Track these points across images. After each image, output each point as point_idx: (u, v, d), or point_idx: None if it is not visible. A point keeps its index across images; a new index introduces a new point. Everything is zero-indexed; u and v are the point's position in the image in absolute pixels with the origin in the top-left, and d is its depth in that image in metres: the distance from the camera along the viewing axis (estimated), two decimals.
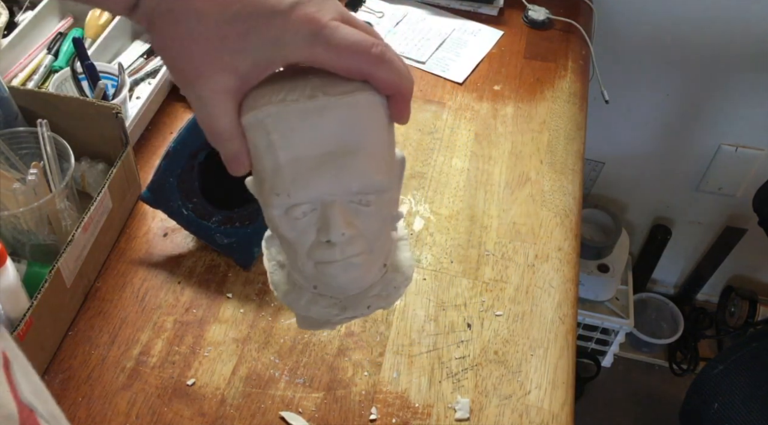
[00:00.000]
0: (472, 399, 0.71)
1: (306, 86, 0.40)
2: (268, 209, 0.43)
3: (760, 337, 1.23)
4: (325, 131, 0.40)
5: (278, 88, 0.41)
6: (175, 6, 0.37)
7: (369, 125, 0.42)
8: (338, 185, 0.41)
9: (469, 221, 0.87)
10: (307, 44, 0.37)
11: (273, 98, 0.40)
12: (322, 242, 0.43)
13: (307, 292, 0.49)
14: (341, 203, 0.42)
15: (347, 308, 0.48)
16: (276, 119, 0.40)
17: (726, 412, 1.12)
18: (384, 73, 0.39)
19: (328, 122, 0.40)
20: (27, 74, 0.94)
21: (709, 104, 1.46)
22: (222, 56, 0.38)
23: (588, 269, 1.60)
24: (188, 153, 0.77)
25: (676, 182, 1.64)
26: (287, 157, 0.40)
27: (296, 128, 0.40)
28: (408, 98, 0.41)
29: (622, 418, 1.78)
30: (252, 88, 0.41)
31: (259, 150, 0.41)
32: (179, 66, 0.39)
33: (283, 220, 0.43)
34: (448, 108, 1.01)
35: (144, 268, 0.80)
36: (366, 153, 0.41)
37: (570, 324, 0.78)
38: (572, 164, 0.95)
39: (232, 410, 0.69)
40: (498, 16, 1.17)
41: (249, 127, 0.41)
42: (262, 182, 0.42)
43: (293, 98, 0.40)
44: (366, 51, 0.38)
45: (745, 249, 1.74)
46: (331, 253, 0.43)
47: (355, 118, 0.41)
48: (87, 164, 0.83)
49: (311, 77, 0.41)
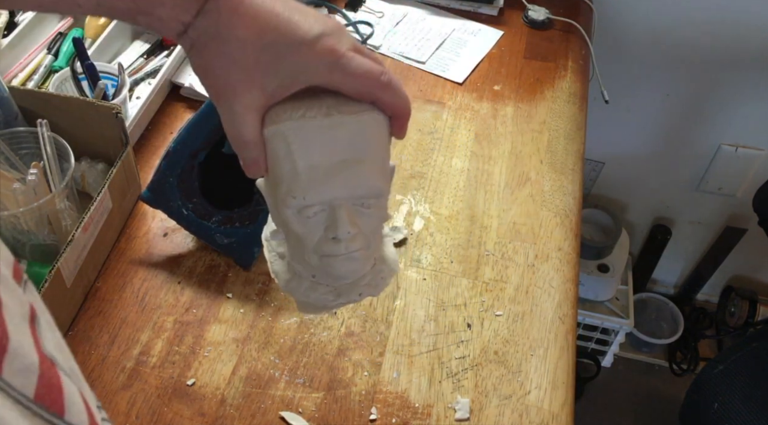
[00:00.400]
0: (472, 399, 0.71)
1: (322, 105, 0.47)
2: (283, 209, 0.49)
3: (760, 337, 1.23)
4: (337, 144, 0.47)
5: (298, 106, 0.47)
6: (220, 33, 0.43)
7: (374, 140, 0.49)
8: (347, 191, 0.48)
9: (469, 221, 0.87)
10: (327, 71, 0.45)
11: (293, 114, 0.47)
12: (329, 238, 0.50)
13: (306, 280, 0.55)
14: (348, 206, 0.49)
15: (341, 295, 0.56)
16: (296, 131, 0.47)
17: (726, 412, 1.12)
18: (389, 97, 0.47)
19: (341, 136, 0.47)
20: (27, 74, 0.94)
21: (709, 104, 1.46)
22: (255, 78, 0.44)
23: (588, 269, 1.60)
24: (188, 153, 0.77)
25: (676, 182, 1.64)
26: (304, 165, 0.47)
27: (313, 141, 0.47)
28: (407, 119, 0.48)
29: (622, 418, 1.78)
30: (275, 103, 0.47)
31: (279, 158, 0.47)
32: (217, 84, 0.45)
33: (295, 218, 0.49)
34: (448, 108, 1.01)
35: (144, 268, 0.80)
36: (371, 164, 0.48)
37: (570, 324, 0.78)
38: (572, 164, 0.95)
39: (232, 410, 0.69)
40: (498, 16, 1.17)
41: (271, 137, 0.47)
42: (278, 185, 0.48)
43: (312, 115, 0.47)
44: (376, 78, 0.45)
45: (745, 249, 1.74)
46: (337, 248, 0.50)
47: (363, 134, 0.48)
48: (87, 164, 0.83)
49: (325, 97, 0.47)
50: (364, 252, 0.51)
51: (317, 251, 0.51)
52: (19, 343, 0.24)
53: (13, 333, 0.23)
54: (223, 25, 0.43)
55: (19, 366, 0.24)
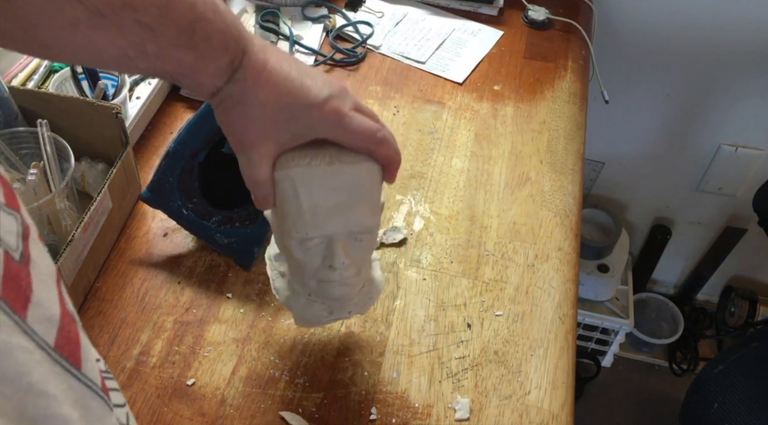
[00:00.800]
0: (472, 399, 0.71)
1: (325, 155, 0.55)
2: (287, 239, 0.57)
3: (760, 337, 1.23)
4: (337, 189, 0.55)
5: (305, 154, 0.55)
6: (245, 97, 0.51)
7: (368, 186, 0.57)
8: (343, 228, 0.56)
9: (469, 221, 0.87)
10: (332, 128, 0.53)
11: (301, 162, 0.54)
12: (326, 266, 0.58)
13: (303, 298, 0.64)
14: (343, 239, 0.57)
15: (333, 312, 0.65)
16: (302, 177, 0.54)
17: (726, 412, 1.12)
18: (383, 151, 0.55)
19: (340, 182, 0.55)
20: (27, 74, 0.94)
21: (709, 104, 1.46)
22: (270, 133, 0.52)
23: (588, 269, 1.60)
24: (188, 153, 0.77)
25: (676, 182, 1.64)
26: (308, 205, 0.55)
27: (316, 185, 0.55)
28: (397, 167, 0.57)
29: (622, 418, 1.78)
30: (284, 152, 0.55)
31: (287, 197, 0.55)
32: (239, 137, 0.53)
33: (297, 247, 0.57)
34: (448, 108, 1.01)
35: (144, 268, 0.80)
36: (364, 205, 0.57)
37: (570, 324, 0.78)
38: (572, 164, 0.95)
39: (232, 410, 0.69)
40: (498, 16, 1.17)
41: (280, 180, 0.55)
42: (284, 219, 0.56)
43: (316, 163, 0.55)
44: (372, 135, 0.54)
45: (745, 249, 1.74)
46: (332, 275, 0.58)
47: (359, 180, 0.56)
48: (87, 164, 0.83)
49: (329, 148, 0.55)
50: (355, 278, 0.60)
51: (315, 276, 0.60)
52: (44, 296, 0.26)
53: (37, 287, 0.26)
54: (248, 90, 0.51)
55: (41, 316, 0.25)
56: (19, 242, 0.26)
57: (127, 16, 0.44)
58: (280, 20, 1.11)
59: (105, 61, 0.47)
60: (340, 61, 1.07)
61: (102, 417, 0.29)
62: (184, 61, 0.48)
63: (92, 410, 0.28)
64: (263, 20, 1.09)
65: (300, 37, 1.09)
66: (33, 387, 0.24)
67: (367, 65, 1.08)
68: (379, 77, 1.06)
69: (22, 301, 0.25)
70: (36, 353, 0.25)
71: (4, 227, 0.25)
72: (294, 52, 1.07)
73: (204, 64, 0.49)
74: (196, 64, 0.49)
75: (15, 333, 0.24)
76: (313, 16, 1.13)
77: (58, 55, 0.48)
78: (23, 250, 0.26)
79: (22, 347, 0.24)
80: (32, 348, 0.25)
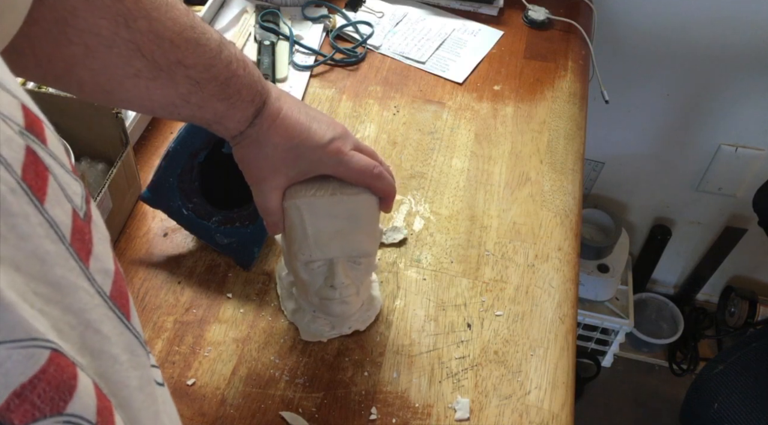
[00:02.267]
0: (472, 399, 0.71)
1: (329, 187, 0.62)
2: (294, 261, 0.65)
3: (760, 337, 1.24)
4: (338, 217, 0.63)
5: (310, 186, 0.62)
6: (260, 139, 0.59)
7: (367, 214, 0.64)
8: (344, 251, 0.64)
9: (469, 221, 0.87)
10: (334, 166, 0.61)
11: (307, 193, 0.62)
12: (328, 285, 0.66)
13: (308, 313, 0.72)
14: (343, 262, 0.65)
15: (335, 327, 0.73)
16: (308, 206, 0.62)
17: (726, 412, 1.12)
18: (379, 185, 0.63)
19: (342, 211, 0.62)
20: None
21: (709, 104, 1.46)
22: (281, 169, 0.61)
23: (588, 269, 1.60)
24: (188, 153, 0.77)
25: (676, 182, 1.64)
26: (313, 231, 0.62)
27: (320, 213, 0.62)
28: (392, 199, 0.65)
29: (622, 418, 1.78)
30: (293, 184, 0.63)
31: (294, 224, 0.63)
32: (254, 171, 0.61)
33: (302, 268, 0.65)
34: (448, 108, 1.01)
35: (144, 268, 0.80)
36: (363, 232, 0.64)
37: (570, 324, 0.78)
38: (572, 164, 0.95)
39: (232, 410, 0.69)
40: (498, 16, 1.17)
41: (289, 208, 0.62)
42: (292, 243, 0.64)
43: (321, 194, 0.62)
44: (370, 172, 0.62)
45: (745, 249, 1.74)
46: (333, 293, 0.66)
47: (358, 209, 0.63)
48: (87, 164, 0.83)
49: (332, 181, 0.63)
50: (354, 297, 0.67)
51: (318, 294, 0.67)
52: (101, 251, 0.30)
53: (97, 243, 0.30)
54: (264, 133, 0.59)
55: (100, 268, 0.29)
56: (83, 204, 0.30)
57: (179, 71, 0.52)
58: (280, 20, 1.11)
59: (154, 109, 0.55)
60: (340, 61, 1.07)
61: (145, 365, 0.31)
62: (219, 110, 0.56)
63: (138, 357, 0.31)
64: (263, 20, 1.09)
65: (300, 37, 1.09)
66: (91, 324, 0.27)
67: (367, 65, 1.08)
68: (379, 77, 1.06)
69: (85, 252, 0.28)
70: (96, 297, 0.28)
71: (72, 189, 0.29)
72: (294, 52, 1.07)
73: (233, 113, 0.57)
74: (227, 113, 0.57)
75: (81, 277, 0.27)
76: (313, 16, 1.13)
77: (117, 101, 0.55)
78: (86, 210, 0.30)
79: (85, 289, 0.27)
80: (93, 292, 0.28)
